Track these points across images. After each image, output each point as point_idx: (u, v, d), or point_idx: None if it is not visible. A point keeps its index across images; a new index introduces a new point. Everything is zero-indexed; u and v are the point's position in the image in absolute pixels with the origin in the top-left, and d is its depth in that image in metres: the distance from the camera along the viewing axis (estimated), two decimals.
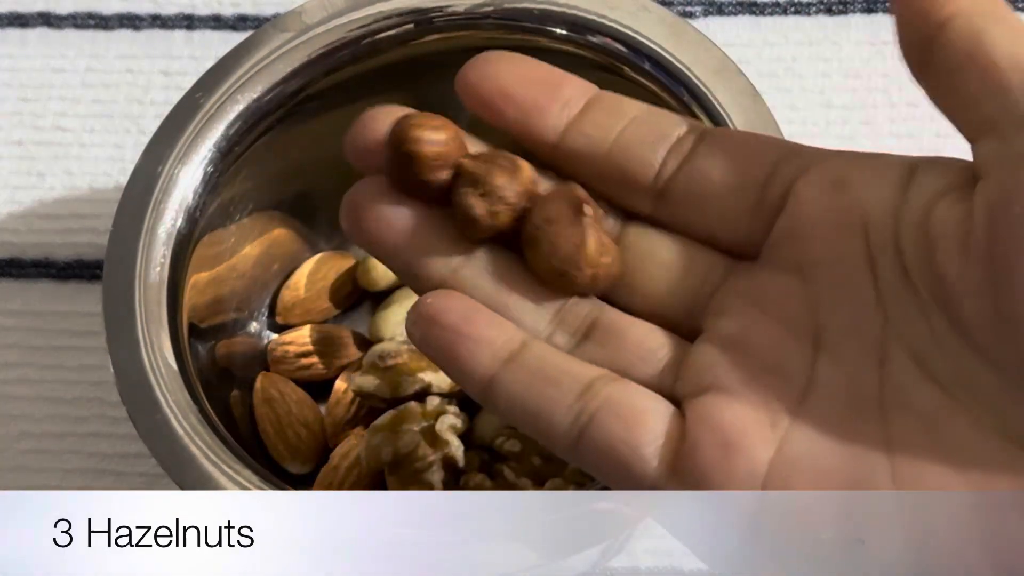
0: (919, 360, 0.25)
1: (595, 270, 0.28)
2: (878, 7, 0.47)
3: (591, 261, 0.28)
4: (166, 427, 0.33)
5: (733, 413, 0.26)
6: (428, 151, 0.28)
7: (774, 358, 0.26)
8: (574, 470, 0.37)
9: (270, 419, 0.40)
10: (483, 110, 0.29)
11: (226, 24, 0.50)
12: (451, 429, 0.38)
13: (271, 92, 0.38)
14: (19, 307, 0.45)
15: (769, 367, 0.26)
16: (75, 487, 0.42)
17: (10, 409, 0.43)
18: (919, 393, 0.25)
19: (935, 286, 0.25)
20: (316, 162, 0.42)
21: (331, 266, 0.43)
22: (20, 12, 0.50)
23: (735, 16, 0.48)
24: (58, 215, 0.46)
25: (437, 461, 0.37)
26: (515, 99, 0.29)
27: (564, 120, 0.29)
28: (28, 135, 0.48)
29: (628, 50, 0.37)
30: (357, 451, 0.38)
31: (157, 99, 0.48)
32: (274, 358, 0.41)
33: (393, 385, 0.38)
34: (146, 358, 0.34)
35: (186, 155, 0.37)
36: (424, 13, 0.39)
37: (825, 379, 0.26)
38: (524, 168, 0.29)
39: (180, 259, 0.36)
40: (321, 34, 0.39)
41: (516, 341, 0.27)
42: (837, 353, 0.26)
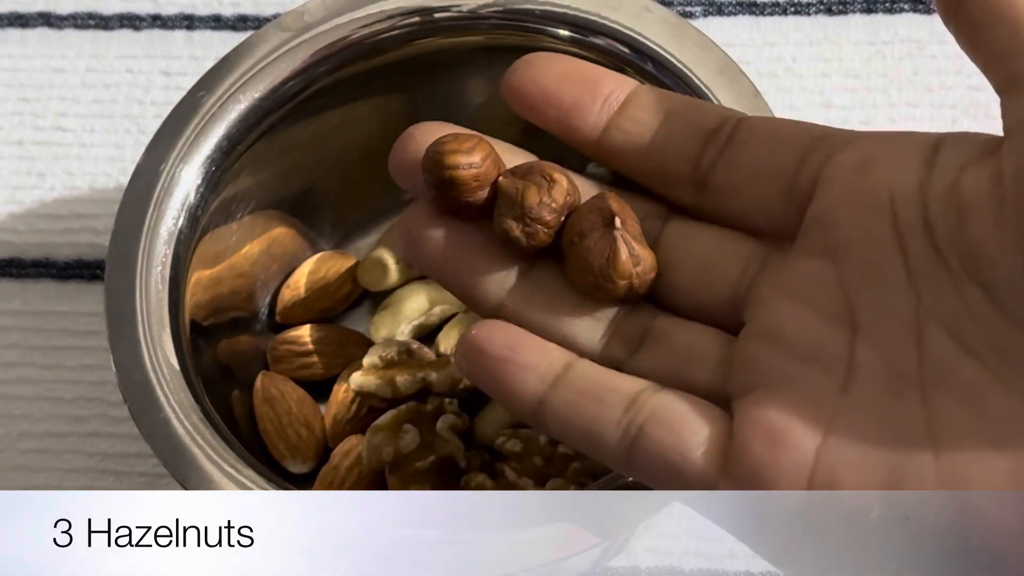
0: (955, 335, 0.25)
1: (628, 280, 0.28)
2: (878, 7, 0.47)
3: (623, 272, 0.28)
4: (168, 427, 0.33)
5: (777, 409, 0.26)
6: (465, 175, 0.29)
7: (812, 347, 0.27)
8: (576, 470, 0.37)
9: (270, 418, 0.40)
10: (528, 113, 0.30)
11: (226, 24, 0.50)
12: (451, 429, 0.38)
13: (273, 91, 0.38)
14: (19, 307, 0.45)
15: (808, 356, 0.26)
16: (75, 487, 0.42)
17: (10, 409, 0.43)
18: (958, 368, 0.25)
19: (967, 255, 0.25)
20: (317, 161, 0.42)
21: (331, 266, 0.43)
22: (20, 12, 0.50)
23: (735, 16, 0.48)
24: (58, 215, 0.46)
25: (437, 461, 0.37)
26: (555, 100, 0.29)
27: (605, 117, 0.29)
28: (28, 135, 0.48)
29: (630, 51, 0.37)
30: (357, 451, 0.38)
31: (157, 99, 0.48)
32: (274, 358, 0.41)
33: (393, 385, 0.38)
34: (148, 357, 0.34)
35: (187, 154, 0.37)
36: (426, 13, 0.39)
37: (864, 362, 0.26)
38: (560, 181, 0.29)
39: (182, 258, 0.36)
40: (322, 33, 0.39)
41: (561, 363, 0.28)
42: (874, 335, 0.26)
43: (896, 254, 0.26)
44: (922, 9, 0.47)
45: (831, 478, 0.25)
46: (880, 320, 0.26)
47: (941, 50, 0.46)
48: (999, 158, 0.25)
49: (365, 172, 0.43)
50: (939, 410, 0.25)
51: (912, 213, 0.26)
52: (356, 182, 0.43)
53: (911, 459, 0.25)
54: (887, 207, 0.26)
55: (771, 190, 0.28)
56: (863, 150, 0.27)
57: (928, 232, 0.26)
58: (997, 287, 0.25)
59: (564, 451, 0.37)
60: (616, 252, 0.28)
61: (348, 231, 0.44)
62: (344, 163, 0.42)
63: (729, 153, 0.29)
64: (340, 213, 0.44)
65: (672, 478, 0.27)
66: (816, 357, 0.26)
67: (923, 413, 0.25)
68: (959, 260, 0.25)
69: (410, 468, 0.37)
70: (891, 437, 0.25)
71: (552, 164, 0.30)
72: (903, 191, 0.26)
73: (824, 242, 0.27)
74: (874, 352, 0.26)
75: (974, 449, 0.24)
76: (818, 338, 0.27)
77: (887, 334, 0.26)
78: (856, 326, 0.26)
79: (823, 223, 0.27)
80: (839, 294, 0.27)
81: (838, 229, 0.27)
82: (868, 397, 0.26)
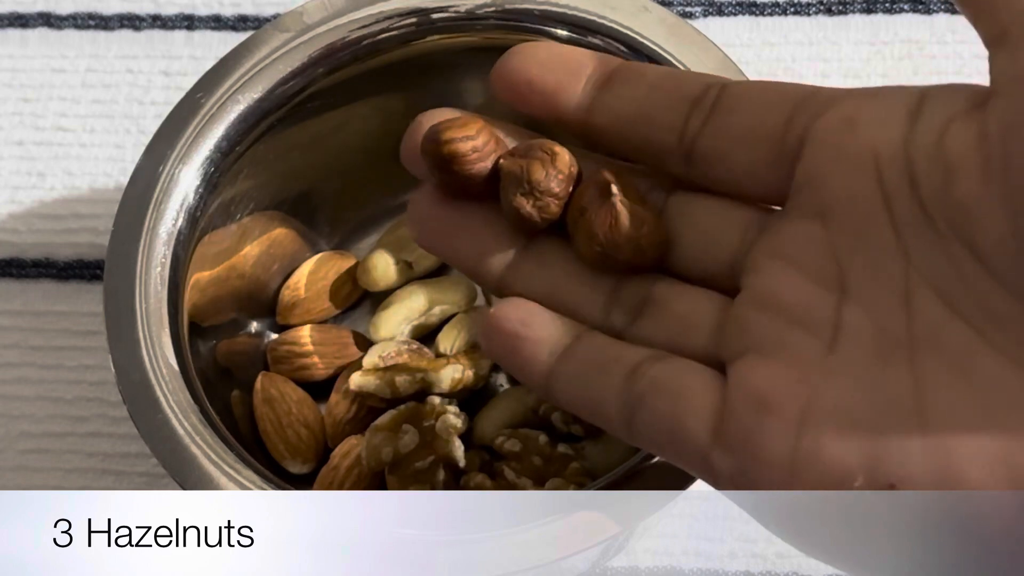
0: (944, 297, 0.25)
1: (635, 242, 0.29)
2: (877, 7, 0.47)
3: (627, 235, 0.28)
4: (167, 427, 0.33)
5: (764, 373, 0.26)
6: (462, 148, 0.29)
7: (801, 310, 0.26)
8: (575, 470, 0.37)
9: (270, 419, 0.40)
10: (515, 101, 0.30)
11: (226, 24, 0.50)
12: (451, 429, 0.38)
13: (272, 92, 0.38)
14: (19, 307, 0.45)
15: (796, 320, 0.26)
16: (75, 487, 0.42)
17: (10, 409, 0.43)
18: (947, 331, 0.25)
19: (954, 215, 0.25)
20: (317, 162, 0.42)
21: (331, 266, 0.43)
22: (20, 12, 0.50)
23: (735, 16, 0.48)
24: (58, 215, 0.46)
25: (437, 461, 0.37)
26: (539, 85, 0.29)
27: (589, 97, 0.29)
28: (28, 135, 0.48)
29: (629, 50, 0.37)
30: (357, 451, 0.38)
31: (157, 99, 0.48)
32: (274, 358, 0.41)
33: (393, 385, 0.38)
34: (147, 358, 0.34)
35: (187, 155, 0.37)
36: (424, 13, 0.39)
37: (852, 325, 0.26)
38: (561, 153, 0.29)
39: (181, 259, 0.36)
40: (321, 34, 0.39)
41: (570, 336, 0.28)
42: (862, 297, 0.26)
43: (883, 215, 0.26)
44: (922, 9, 0.47)
45: (816, 447, 0.25)
46: (869, 283, 0.26)
47: (941, 50, 0.46)
48: (985, 114, 0.25)
49: (365, 172, 0.43)
50: (927, 375, 0.25)
51: (897, 172, 0.26)
52: (356, 183, 0.43)
53: (897, 420, 0.25)
54: (872, 166, 0.26)
55: (759, 154, 0.28)
56: (848, 107, 0.27)
57: (914, 192, 0.25)
58: (985, 249, 0.24)
59: (563, 451, 0.37)
60: (617, 218, 0.28)
61: (348, 232, 0.44)
62: (343, 164, 0.42)
63: (714, 120, 0.28)
64: (340, 214, 0.44)
65: (670, 446, 0.27)
66: (804, 320, 0.26)
67: (911, 378, 0.25)
68: (946, 221, 0.25)
69: (410, 468, 0.37)
70: (877, 404, 0.25)
71: (550, 140, 0.30)
72: (887, 149, 0.26)
73: (813, 204, 0.27)
74: (862, 315, 0.26)
75: (961, 418, 0.24)
76: (807, 301, 0.26)
77: (876, 297, 0.26)
78: (845, 289, 0.26)
79: (812, 184, 0.27)
80: (829, 256, 0.26)
81: (826, 191, 0.27)
82: (855, 359, 0.26)
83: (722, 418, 0.26)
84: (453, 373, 0.39)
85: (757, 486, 0.26)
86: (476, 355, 0.40)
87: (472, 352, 0.40)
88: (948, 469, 0.24)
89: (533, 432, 0.38)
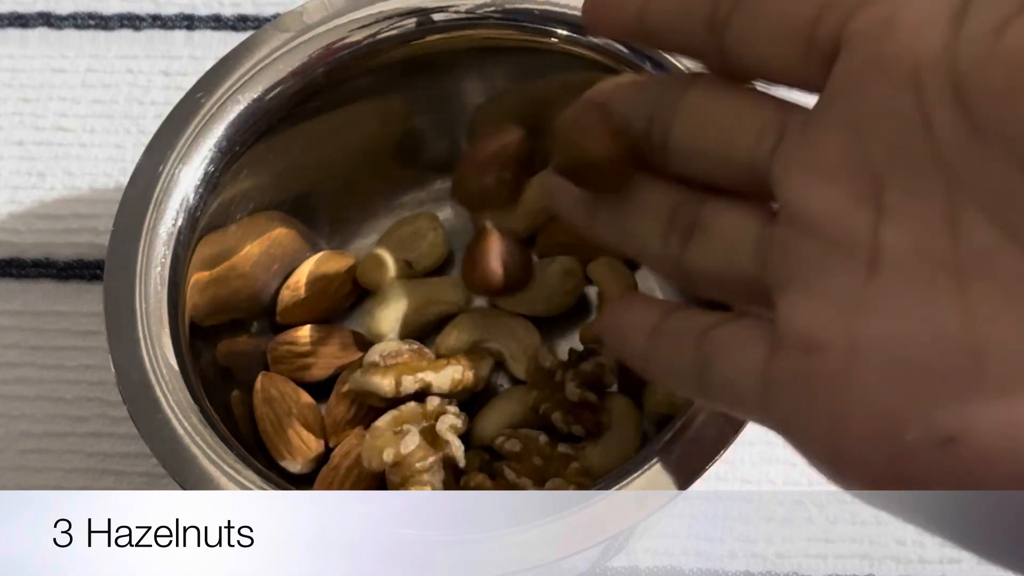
0: (997, 220, 0.23)
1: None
2: None
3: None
4: (167, 427, 0.33)
5: (807, 310, 0.25)
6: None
7: (840, 232, 0.25)
8: (575, 470, 0.37)
9: (270, 419, 0.40)
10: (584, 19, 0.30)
11: (226, 24, 0.50)
12: (451, 429, 0.38)
13: (272, 92, 0.38)
14: (19, 307, 0.45)
15: (836, 242, 0.25)
16: (75, 487, 0.42)
17: (10, 409, 0.43)
18: (1002, 256, 0.23)
19: (1015, 129, 0.22)
20: (317, 162, 0.42)
21: (331, 266, 0.43)
22: (20, 12, 0.50)
23: None
24: (58, 215, 0.46)
25: (437, 461, 0.37)
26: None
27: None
28: (28, 135, 0.48)
29: (628, 50, 0.37)
30: (357, 451, 0.38)
31: (157, 99, 0.48)
32: (274, 358, 0.41)
33: (393, 385, 0.38)
34: (147, 358, 0.34)
35: (187, 155, 0.37)
36: (425, 13, 0.39)
37: (891, 247, 0.24)
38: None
39: (181, 259, 0.36)
40: (321, 34, 0.39)
41: (659, 315, 0.30)
42: (901, 217, 0.24)
43: (922, 130, 0.24)
44: None
45: (864, 393, 0.24)
46: (908, 201, 0.24)
47: None
48: None
49: (364, 172, 0.43)
50: (980, 305, 0.23)
51: (940, 83, 0.23)
52: (355, 183, 0.43)
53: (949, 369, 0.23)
54: (911, 77, 0.24)
55: (788, 45, 0.26)
56: (886, 5, 0.25)
57: (961, 103, 0.23)
58: None
59: (563, 451, 0.37)
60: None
61: (348, 231, 0.44)
62: (343, 164, 0.42)
63: (741, 9, 0.27)
64: (339, 213, 0.44)
65: (734, 403, 0.27)
66: (841, 244, 0.25)
67: (961, 307, 0.23)
68: (1003, 140, 0.23)
69: (410, 468, 0.37)
70: (925, 338, 0.23)
71: None
72: (928, 57, 0.24)
73: (847, 115, 0.25)
74: (902, 236, 0.24)
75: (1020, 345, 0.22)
76: (846, 222, 0.25)
77: (916, 217, 0.24)
78: (883, 207, 0.24)
79: (846, 93, 0.25)
80: (865, 173, 0.25)
81: (861, 101, 0.25)
82: (896, 284, 0.24)
83: (771, 367, 0.26)
84: (453, 373, 0.39)
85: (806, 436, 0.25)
86: (476, 356, 0.40)
87: (472, 353, 0.40)
88: (1016, 424, 0.22)
89: (533, 432, 0.38)
